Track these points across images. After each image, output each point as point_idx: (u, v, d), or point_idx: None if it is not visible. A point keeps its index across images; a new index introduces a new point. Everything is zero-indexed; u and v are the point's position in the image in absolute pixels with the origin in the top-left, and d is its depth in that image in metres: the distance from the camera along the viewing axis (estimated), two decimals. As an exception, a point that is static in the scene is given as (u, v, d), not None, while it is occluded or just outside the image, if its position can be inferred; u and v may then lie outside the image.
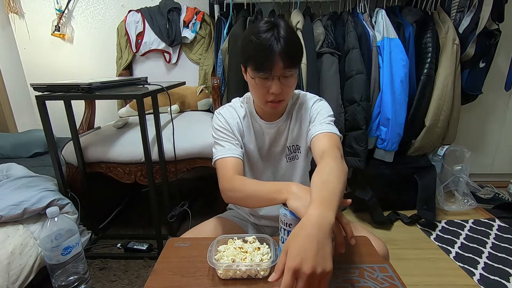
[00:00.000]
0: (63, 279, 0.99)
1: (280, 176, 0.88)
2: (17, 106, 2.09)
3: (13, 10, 1.93)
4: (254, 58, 0.70)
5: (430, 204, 1.66)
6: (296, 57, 0.71)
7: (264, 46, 0.67)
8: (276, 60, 0.68)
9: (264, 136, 0.85)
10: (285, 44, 0.67)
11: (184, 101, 1.76)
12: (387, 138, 1.57)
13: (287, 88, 0.73)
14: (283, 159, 0.87)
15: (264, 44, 0.67)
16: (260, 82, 0.72)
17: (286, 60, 0.68)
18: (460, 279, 1.26)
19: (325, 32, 1.57)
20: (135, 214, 1.78)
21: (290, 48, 0.68)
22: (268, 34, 0.67)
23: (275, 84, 0.70)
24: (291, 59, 0.69)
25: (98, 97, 1.46)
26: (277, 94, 0.71)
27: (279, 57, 0.67)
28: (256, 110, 0.84)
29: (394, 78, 1.53)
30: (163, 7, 1.82)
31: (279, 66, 0.69)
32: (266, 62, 0.68)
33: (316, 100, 0.85)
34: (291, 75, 0.72)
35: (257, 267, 0.58)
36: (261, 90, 0.73)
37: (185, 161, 1.38)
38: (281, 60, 0.68)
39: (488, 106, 2.00)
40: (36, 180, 1.26)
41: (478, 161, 2.06)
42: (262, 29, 0.68)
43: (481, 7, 1.54)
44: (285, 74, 0.70)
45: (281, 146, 0.86)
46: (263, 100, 0.75)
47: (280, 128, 0.84)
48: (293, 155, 0.86)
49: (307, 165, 0.89)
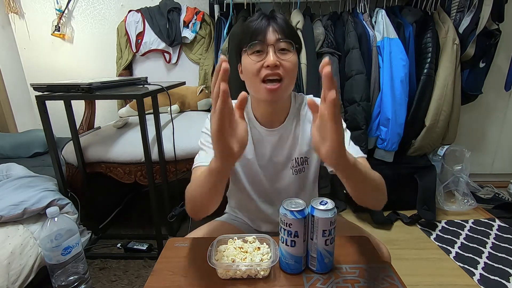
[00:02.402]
0: (63, 279, 0.99)
1: (284, 189, 0.81)
2: (17, 106, 2.09)
3: (13, 10, 1.93)
4: (246, 36, 0.69)
5: (430, 204, 1.66)
6: (290, 30, 0.69)
7: (256, 24, 0.68)
8: (268, 31, 0.67)
9: (264, 144, 0.78)
10: (277, 20, 0.68)
11: (184, 101, 1.76)
12: (387, 138, 1.57)
13: (285, 64, 0.67)
14: (287, 171, 0.79)
15: (257, 24, 0.68)
16: (254, 58, 0.68)
17: (280, 31, 0.68)
18: (460, 279, 1.26)
19: (325, 32, 1.57)
20: (135, 214, 1.78)
21: (283, 22, 0.69)
22: (260, 20, 0.69)
23: (270, 54, 0.66)
24: (283, 32, 0.68)
25: (98, 97, 1.46)
26: (273, 66, 0.66)
27: (271, 29, 0.68)
28: (254, 115, 0.78)
29: (394, 78, 1.53)
30: (163, 7, 1.82)
31: (271, 37, 0.67)
32: (258, 32, 0.67)
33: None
34: (287, 49, 0.68)
35: (257, 267, 0.58)
36: (255, 66, 0.68)
37: (185, 161, 1.38)
38: (275, 31, 0.67)
39: (488, 106, 2.00)
40: (36, 180, 1.26)
41: (478, 161, 2.06)
42: (255, 18, 0.70)
43: (481, 7, 1.54)
44: (280, 45, 0.67)
45: (284, 156, 0.78)
46: (258, 81, 0.68)
47: (282, 135, 0.77)
48: (300, 167, 0.79)
49: (316, 176, 0.83)
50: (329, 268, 0.60)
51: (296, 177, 0.80)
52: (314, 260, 0.60)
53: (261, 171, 0.79)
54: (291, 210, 0.57)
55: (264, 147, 0.78)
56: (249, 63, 0.69)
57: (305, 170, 0.80)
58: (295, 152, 0.78)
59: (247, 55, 0.70)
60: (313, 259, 0.60)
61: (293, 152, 0.78)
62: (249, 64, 0.69)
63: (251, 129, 0.78)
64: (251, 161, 0.78)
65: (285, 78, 0.68)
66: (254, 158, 0.78)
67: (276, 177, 0.80)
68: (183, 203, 1.40)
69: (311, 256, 0.60)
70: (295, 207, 0.57)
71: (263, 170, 0.79)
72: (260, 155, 0.78)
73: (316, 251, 0.59)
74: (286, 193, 0.80)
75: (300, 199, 0.60)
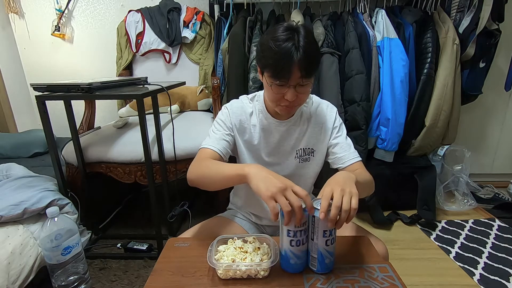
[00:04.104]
0: (63, 279, 0.99)
1: (289, 174, 0.86)
2: (17, 106, 2.09)
3: (13, 10, 1.93)
4: (272, 66, 0.69)
5: (430, 204, 1.66)
6: (314, 67, 0.71)
7: (283, 55, 0.66)
8: (294, 70, 0.67)
9: (273, 133, 0.85)
10: (304, 54, 0.66)
11: (184, 101, 1.76)
12: (387, 138, 1.57)
13: (301, 95, 0.73)
14: (293, 159, 0.86)
15: (283, 53, 0.66)
16: (276, 89, 0.71)
17: (304, 70, 0.67)
18: (460, 279, 1.26)
19: (325, 32, 1.57)
20: (135, 214, 1.78)
21: (309, 59, 0.67)
22: (288, 44, 0.66)
23: (291, 92, 0.70)
24: (308, 69, 0.68)
25: (98, 97, 1.46)
26: (291, 101, 0.72)
27: (297, 67, 0.67)
28: (267, 108, 0.84)
29: (394, 78, 1.53)
30: (163, 7, 1.82)
31: (296, 76, 0.68)
32: (284, 72, 0.67)
33: (336, 111, 0.87)
34: (307, 84, 0.71)
35: (257, 267, 0.58)
36: (276, 96, 0.73)
37: (185, 161, 1.38)
38: (299, 70, 0.67)
39: (488, 106, 2.00)
40: (36, 180, 1.26)
41: (478, 161, 2.06)
42: (282, 37, 0.67)
43: (481, 7, 1.54)
44: (302, 83, 0.70)
45: (290, 145, 0.85)
46: (276, 104, 0.75)
47: (290, 127, 0.84)
48: (306, 157, 0.86)
49: (319, 169, 0.90)
50: (330, 268, 0.60)
51: (301, 165, 0.87)
52: (314, 260, 0.60)
53: (268, 156, 0.86)
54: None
55: (272, 136, 0.85)
56: (270, 90, 0.73)
57: (310, 160, 0.87)
58: (301, 143, 0.86)
59: (271, 83, 0.72)
60: (314, 259, 0.60)
61: (299, 143, 0.86)
62: (269, 90, 0.74)
63: (261, 120, 0.85)
64: (257, 147, 0.86)
65: (300, 103, 0.77)
66: (261, 144, 0.85)
67: (282, 163, 0.87)
68: (183, 203, 1.42)
69: (311, 257, 0.60)
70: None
71: (269, 156, 0.86)
72: (268, 143, 0.85)
73: (316, 251, 0.58)
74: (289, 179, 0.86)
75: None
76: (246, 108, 0.85)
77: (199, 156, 0.78)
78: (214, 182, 0.72)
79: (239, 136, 0.85)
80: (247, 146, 0.86)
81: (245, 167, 0.63)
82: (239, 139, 0.85)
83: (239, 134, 0.85)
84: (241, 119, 0.84)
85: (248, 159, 0.86)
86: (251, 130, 0.85)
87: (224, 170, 0.69)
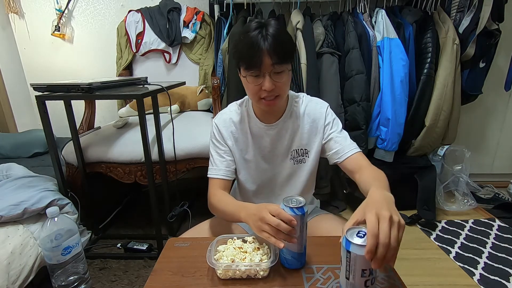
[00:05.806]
0: (63, 279, 0.99)
1: (285, 177, 0.88)
2: (17, 106, 2.09)
3: (13, 10, 1.93)
4: (243, 57, 0.72)
5: (430, 204, 1.66)
6: (284, 53, 0.71)
7: (251, 44, 0.69)
8: (264, 57, 0.69)
9: (264, 138, 0.85)
10: (272, 41, 0.69)
11: (184, 101, 1.76)
12: (387, 138, 1.57)
13: (280, 84, 0.73)
14: (288, 161, 0.87)
15: (252, 42, 0.69)
16: (252, 80, 0.73)
17: (275, 56, 0.69)
18: (460, 279, 1.26)
19: (325, 32, 1.57)
20: (135, 214, 1.78)
21: (278, 45, 0.69)
22: (255, 32, 0.69)
23: (267, 80, 0.71)
24: (279, 55, 0.70)
25: (98, 97, 1.46)
26: (269, 90, 0.72)
27: (266, 54, 0.69)
28: (255, 112, 0.85)
29: (394, 78, 1.53)
30: (163, 7, 1.82)
31: (267, 63, 0.70)
32: (254, 59, 0.69)
33: (327, 107, 0.86)
34: (282, 71, 0.72)
35: (256, 267, 0.58)
36: (254, 87, 0.74)
37: (185, 161, 1.38)
38: (269, 57, 0.69)
39: (488, 106, 2.00)
40: (36, 180, 1.26)
41: (478, 161, 2.06)
42: (251, 28, 0.71)
43: (481, 7, 1.54)
44: (275, 70, 0.71)
45: (283, 148, 0.86)
46: (257, 98, 0.76)
47: (281, 129, 0.84)
48: (301, 158, 0.86)
49: (315, 168, 0.89)
50: None
51: (296, 166, 0.87)
52: None
53: (263, 161, 0.87)
54: (290, 207, 0.57)
55: (264, 140, 0.86)
56: (247, 83, 0.75)
57: (305, 161, 0.87)
58: (294, 144, 0.86)
59: (246, 74, 0.74)
60: None
61: (292, 144, 0.86)
62: (247, 84, 0.76)
63: (251, 126, 0.85)
64: (251, 154, 0.87)
65: (280, 93, 0.76)
66: (254, 151, 0.86)
67: (277, 167, 0.88)
68: (183, 203, 1.42)
69: None
70: (295, 204, 0.58)
71: (264, 160, 0.87)
72: (261, 148, 0.86)
73: None
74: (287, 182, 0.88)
75: (300, 197, 0.60)
76: (234, 117, 0.86)
77: (211, 189, 0.85)
78: (227, 219, 0.81)
79: (232, 146, 0.86)
80: (242, 154, 0.87)
81: (240, 213, 0.69)
82: (235, 149, 0.86)
83: (232, 144, 0.85)
84: (231, 130, 0.85)
85: (244, 168, 0.88)
86: (242, 138, 0.86)
87: (229, 214, 0.75)
